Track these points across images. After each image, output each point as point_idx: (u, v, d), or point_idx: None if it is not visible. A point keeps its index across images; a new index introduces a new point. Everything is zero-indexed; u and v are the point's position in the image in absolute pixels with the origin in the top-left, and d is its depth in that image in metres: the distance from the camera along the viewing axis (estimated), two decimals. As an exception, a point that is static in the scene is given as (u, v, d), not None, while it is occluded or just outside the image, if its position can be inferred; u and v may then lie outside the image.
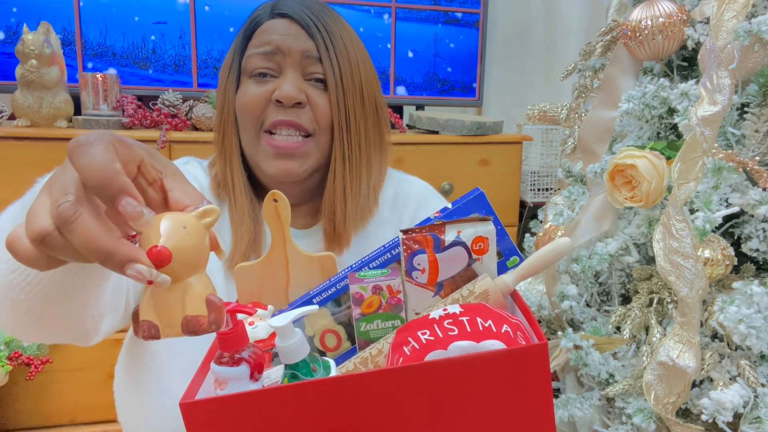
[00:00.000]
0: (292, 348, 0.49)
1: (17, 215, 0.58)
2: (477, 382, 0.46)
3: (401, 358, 0.50)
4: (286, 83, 0.75)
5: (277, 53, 0.76)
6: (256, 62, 0.77)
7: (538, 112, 1.94)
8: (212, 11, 1.76)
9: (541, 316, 1.17)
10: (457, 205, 0.67)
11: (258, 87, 0.77)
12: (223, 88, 0.81)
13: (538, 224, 1.58)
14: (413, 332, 0.51)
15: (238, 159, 0.81)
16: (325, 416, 0.45)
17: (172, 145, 1.51)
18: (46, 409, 1.50)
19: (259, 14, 0.79)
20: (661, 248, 0.87)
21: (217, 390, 0.49)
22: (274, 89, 0.76)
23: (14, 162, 1.42)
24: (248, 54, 0.78)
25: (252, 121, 0.77)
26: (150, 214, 0.36)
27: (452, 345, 0.48)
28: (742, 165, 0.91)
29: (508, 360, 0.46)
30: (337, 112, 0.77)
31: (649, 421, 0.88)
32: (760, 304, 0.85)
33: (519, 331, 0.51)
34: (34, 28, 1.49)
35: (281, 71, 0.77)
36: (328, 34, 0.77)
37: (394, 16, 1.92)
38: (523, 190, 1.92)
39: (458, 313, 0.52)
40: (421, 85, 2.00)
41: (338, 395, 0.45)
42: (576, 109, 1.36)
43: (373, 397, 0.45)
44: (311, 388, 0.45)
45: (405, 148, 1.69)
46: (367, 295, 0.61)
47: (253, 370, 0.50)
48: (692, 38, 1.04)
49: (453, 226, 0.61)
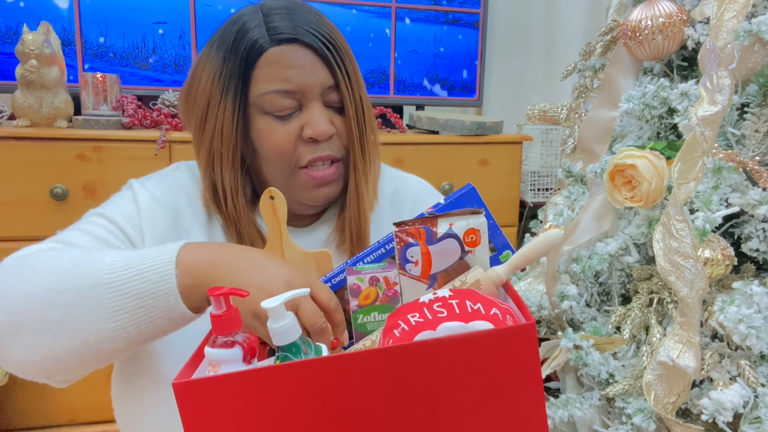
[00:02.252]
0: (283, 329, 0.50)
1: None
2: (465, 362, 0.46)
3: (391, 340, 0.50)
4: (317, 119, 0.74)
5: (299, 90, 0.74)
6: (279, 102, 0.74)
7: (538, 112, 1.94)
8: (212, 11, 1.76)
9: (541, 316, 1.17)
10: (449, 200, 0.67)
11: (285, 126, 0.75)
12: (214, 112, 0.75)
13: (538, 224, 1.58)
14: (403, 315, 0.52)
15: (237, 179, 0.78)
16: (316, 396, 0.46)
17: (172, 145, 1.51)
18: (46, 409, 1.50)
19: (256, 37, 0.73)
20: (661, 248, 0.87)
21: (210, 372, 0.50)
22: (302, 125, 0.75)
23: (14, 162, 1.42)
24: (263, 91, 0.73)
25: (286, 161, 0.76)
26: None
27: (441, 325, 0.49)
28: (742, 165, 0.91)
29: (496, 340, 0.47)
30: (357, 134, 0.78)
31: (649, 421, 0.88)
32: (760, 304, 0.85)
33: (508, 314, 0.51)
34: (34, 28, 1.49)
35: (302, 104, 0.75)
36: (339, 55, 0.75)
37: (394, 16, 1.92)
38: (523, 190, 1.92)
39: (447, 297, 0.52)
40: (421, 85, 2.00)
41: (328, 376, 0.45)
42: (576, 109, 1.36)
43: (363, 378, 0.46)
44: (302, 369, 0.45)
45: (405, 148, 1.69)
46: (364, 286, 0.62)
47: (246, 353, 0.50)
48: (692, 38, 1.04)
49: (445, 219, 0.61)
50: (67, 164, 1.45)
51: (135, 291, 0.58)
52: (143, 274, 0.58)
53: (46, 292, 0.58)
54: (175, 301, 0.58)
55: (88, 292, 0.58)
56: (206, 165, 0.78)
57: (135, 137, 1.49)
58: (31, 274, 0.60)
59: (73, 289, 0.58)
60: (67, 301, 0.58)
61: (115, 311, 0.57)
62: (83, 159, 1.46)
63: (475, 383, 0.47)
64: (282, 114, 0.74)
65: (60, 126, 1.50)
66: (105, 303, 0.57)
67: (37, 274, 0.60)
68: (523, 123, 1.98)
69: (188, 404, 0.45)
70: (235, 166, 0.77)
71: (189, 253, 0.60)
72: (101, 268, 0.59)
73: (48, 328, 0.58)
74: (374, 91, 1.96)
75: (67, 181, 1.45)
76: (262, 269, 0.59)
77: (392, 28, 1.93)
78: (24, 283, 0.59)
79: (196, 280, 0.59)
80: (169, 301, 0.58)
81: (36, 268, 0.61)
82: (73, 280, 0.58)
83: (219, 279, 0.58)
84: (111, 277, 0.58)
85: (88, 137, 1.47)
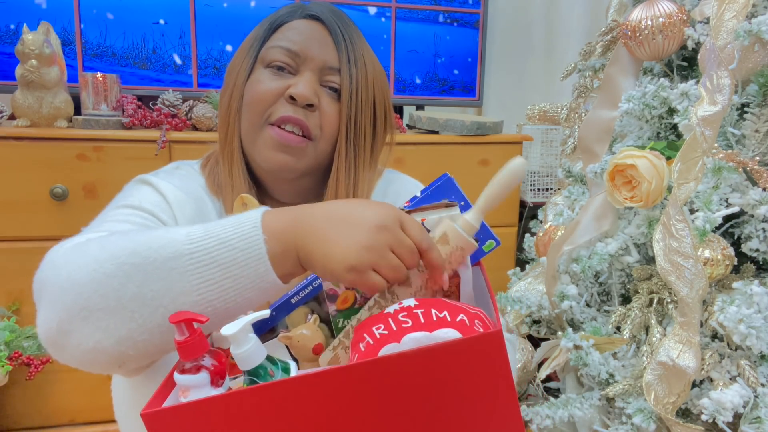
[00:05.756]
0: (246, 354, 0.49)
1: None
2: (431, 373, 0.45)
3: (356, 355, 0.50)
4: (303, 83, 0.76)
5: (301, 54, 0.77)
6: (277, 54, 0.77)
7: (538, 112, 1.94)
8: (213, 11, 1.76)
9: (541, 316, 1.17)
10: (426, 192, 0.66)
11: (273, 79, 0.77)
12: (235, 73, 0.80)
13: (538, 224, 1.58)
14: (368, 328, 0.51)
15: (240, 160, 0.80)
16: (282, 418, 0.45)
17: (172, 145, 1.51)
18: (46, 409, 1.50)
19: (291, 10, 0.81)
20: (661, 248, 0.87)
21: (182, 398, 0.49)
22: (289, 86, 0.76)
23: (14, 162, 1.42)
24: (270, 45, 0.78)
25: (259, 111, 0.77)
26: None
27: (405, 337, 0.48)
28: (742, 165, 0.91)
29: (461, 350, 0.45)
30: (346, 124, 0.79)
31: (649, 421, 0.88)
32: (760, 304, 0.85)
33: (477, 320, 0.50)
34: (34, 28, 1.49)
35: (298, 71, 0.78)
36: (353, 47, 0.79)
37: (394, 16, 1.92)
38: (523, 190, 1.92)
39: (413, 306, 0.51)
40: (421, 85, 2.00)
41: (294, 397, 0.45)
42: (576, 109, 1.36)
43: (330, 396, 0.45)
44: (266, 391, 0.45)
45: (405, 148, 1.69)
46: (340, 290, 0.61)
47: (214, 377, 0.50)
48: (692, 38, 1.04)
49: (418, 213, 0.61)
50: (67, 164, 1.45)
51: (221, 260, 0.54)
52: (227, 243, 0.54)
53: (119, 267, 0.53)
54: (265, 269, 0.54)
55: (168, 264, 0.53)
56: (224, 123, 0.80)
57: (135, 137, 1.49)
58: (98, 253, 0.55)
59: (151, 261, 0.53)
60: (145, 275, 0.53)
61: (200, 283, 0.53)
62: (83, 159, 1.46)
63: (443, 393, 0.46)
64: (277, 66, 0.77)
65: (60, 126, 1.50)
66: (188, 274, 0.53)
67: (107, 252, 0.54)
68: (523, 123, 1.98)
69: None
70: (239, 144, 0.80)
71: (273, 218, 0.56)
72: (179, 239, 0.55)
73: (125, 306, 0.53)
74: (374, 91, 1.95)
75: (67, 181, 1.45)
76: (348, 219, 0.56)
77: (392, 28, 1.93)
78: (93, 262, 0.54)
79: (285, 244, 0.55)
80: (259, 269, 0.54)
81: (104, 246, 0.55)
82: (148, 253, 0.54)
83: (308, 241, 0.55)
84: (192, 248, 0.54)
85: (88, 137, 1.47)
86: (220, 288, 0.54)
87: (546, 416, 0.98)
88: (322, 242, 0.55)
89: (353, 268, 0.53)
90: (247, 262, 0.54)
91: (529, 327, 1.20)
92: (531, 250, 1.42)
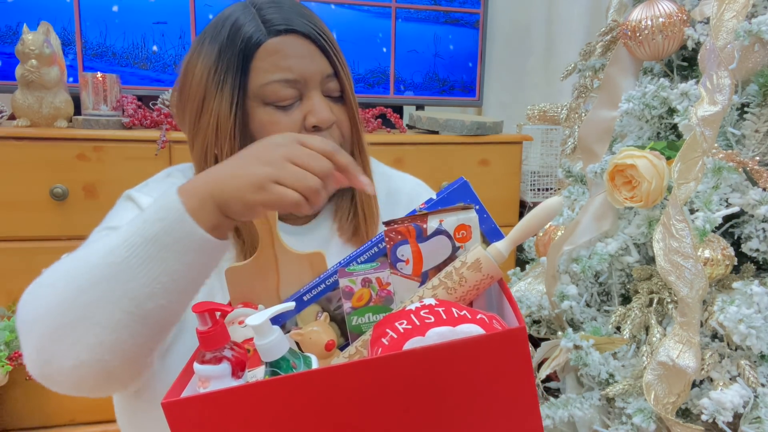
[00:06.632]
0: (269, 345, 0.50)
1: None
2: (456, 368, 0.45)
3: (380, 349, 0.50)
4: (319, 107, 0.75)
5: (300, 79, 0.74)
6: (281, 92, 0.73)
7: (538, 112, 1.94)
8: (213, 11, 1.76)
9: (541, 316, 1.17)
10: (442, 196, 0.67)
11: (287, 116, 0.75)
12: (209, 109, 0.74)
13: (538, 224, 1.58)
14: (391, 324, 0.51)
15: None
16: (305, 410, 0.45)
17: (172, 145, 1.51)
18: (46, 409, 1.50)
19: (254, 29, 0.73)
20: (661, 248, 0.87)
21: (200, 389, 0.49)
22: (304, 115, 0.75)
23: (14, 162, 1.42)
24: (264, 81, 0.73)
25: None
26: None
27: (430, 331, 0.48)
28: (742, 165, 0.91)
29: (486, 345, 0.46)
30: (356, 122, 0.80)
31: (649, 421, 0.88)
32: (760, 304, 0.85)
33: (495, 320, 0.51)
34: (34, 28, 1.49)
35: (302, 94, 0.75)
36: (332, 44, 0.77)
37: (394, 16, 1.92)
38: (523, 190, 1.92)
39: (434, 305, 0.52)
40: (421, 85, 2.00)
41: (318, 389, 0.45)
42: (576, 109, 1.36)
43: (354, 389, 0.45)
44: (289, 383, 0.45)
45: (405, 148, 1.69)
46: (356, 288, 0.61)
47: (234, 368, 0.50)
48: (692, 38, 1.04)
49: (435, 215, 0.61)
50: (67, 164, 1.45)
51: (149, 235, 0.56)
52: (151, 218, 0.57)
53: (68, 283, 0.57)
54: (190, 226, 0.56)
55: (106, 260, 0.56)
56: (201, 160, 0.77)
57: (135, 137, 1.49)
58: (52, 281, 0.59)
59: (92, 266, 0.57)
60: (91, 280, 0.56)
61: (139, 264, 0.56)
62: (83, 159, 1.46)
63: (466, 388, 0.46)
64: (284, 104, 0.74)
65: (60, 126, 1.50)
66: (127, 261, 0.56)
67: (56, 275, 0.59)
68: (523, 123, 1.98)
69: (179, 423, 0.44)
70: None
71: (186, 183, 0.60)
72: (111, 237, 0.58)
73: (84, 315, 0.56)
74: (374, 91, 1.96)
75: (67, 181, 1.45)
76: (246, 153, 0.59)
77: (392, 28, 1.93)
78: (48, 289, 0.58)
79: (200, 196, 0.57)
80: (185, 228, 0.56)
81: (52, 273, 0.60)
82: (89, 259, 0.57)
83: (218, 185, 0.57)
84: (123, 237, 0.57)
85: (88, 137, 1.47)
86: (160, 262, 0.56)
87: (546, 416, 0.98)
88: (229, 179, 0.57)
89: (256, 185, 0.56)
90: (171, 226, 0.56)
91: (529, 327, 1.20)
92: (531, 250, 1.42)
